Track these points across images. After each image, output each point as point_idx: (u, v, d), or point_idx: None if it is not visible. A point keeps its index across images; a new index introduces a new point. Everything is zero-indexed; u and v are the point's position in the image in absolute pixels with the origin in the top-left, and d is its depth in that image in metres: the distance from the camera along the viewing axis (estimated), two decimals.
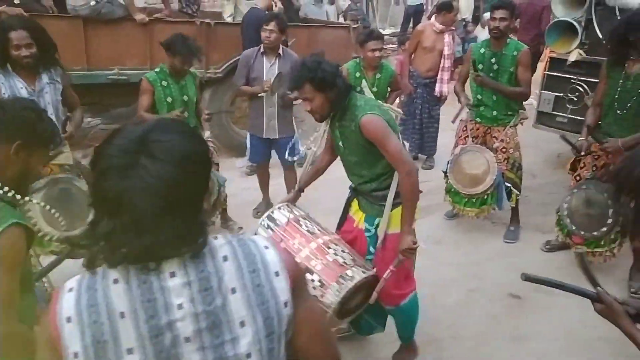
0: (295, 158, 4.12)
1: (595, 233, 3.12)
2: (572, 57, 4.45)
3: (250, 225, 4.13)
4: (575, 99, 4.55)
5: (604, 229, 3.06)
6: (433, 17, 5.24)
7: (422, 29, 5.18)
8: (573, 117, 4.60)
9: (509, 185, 3.84)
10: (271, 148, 4.12)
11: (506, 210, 4.03)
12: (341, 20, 7.80)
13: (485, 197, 3.82)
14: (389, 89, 4.18)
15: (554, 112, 4.79)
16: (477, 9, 8.76)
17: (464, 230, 4.13)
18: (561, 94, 4.66)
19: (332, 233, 2.49)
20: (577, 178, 3.40)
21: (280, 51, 3.85)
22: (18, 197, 1.50)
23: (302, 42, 5.37)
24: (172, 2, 5.55)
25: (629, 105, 3.06)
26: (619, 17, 4.06)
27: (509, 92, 3.68)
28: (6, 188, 1.46)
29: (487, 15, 8.43)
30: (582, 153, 3.25)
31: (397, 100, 4.83)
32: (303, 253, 2.28)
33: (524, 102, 3.91)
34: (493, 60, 3.65)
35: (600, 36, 4.26)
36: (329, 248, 2.30)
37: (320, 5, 7.69)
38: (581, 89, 4.49)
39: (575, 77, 4.51)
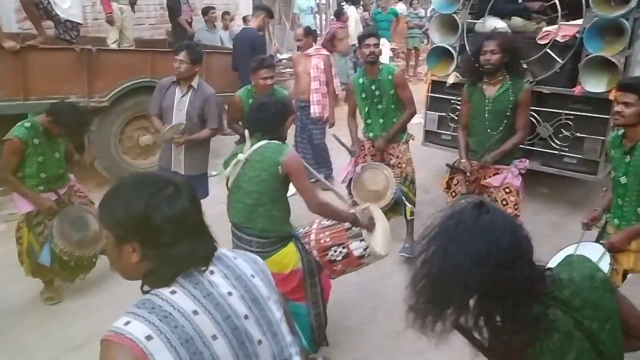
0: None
1: None
2: (450, 80, 4.82)
3: None
4: (456, 118, 4.89)
5: None
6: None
7: (295, 56, 5.33)
8: (456, 134, 4.94)
9: (403, 198, 4.01)
10: None
11: (403, 225, 4.20)
12: None
13: (391, 207, 3.97)
14: None
15: (439, 131, 5.14)
16: None
17: None
18: (444, 114, 5.02)
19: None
20: (453, 194, 3.64)
21: (195, 84, 3.66)
22: None
23: None
24: (51, 27, 5.16)
25: (501, 127, 3.34)
26: None
27: (401, 126, 3.89)
28: None
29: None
30: (469, 174, 3.47)
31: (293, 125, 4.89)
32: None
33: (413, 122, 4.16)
34: (373, 87, 3.82)
35: (472, 59, 4.66)
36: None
37: (214, 32, 7.62)
38: None
39: (454, 98, 4.87)
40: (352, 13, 8.68)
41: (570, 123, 4.23)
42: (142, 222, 1.06)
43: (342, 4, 10.00)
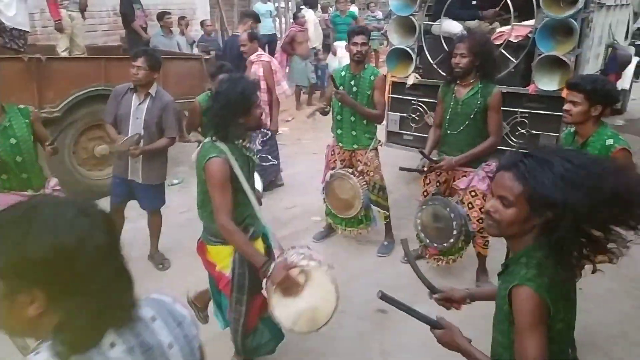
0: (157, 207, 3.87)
1: (445, 244, 3.41)
2: (410, 81, 4.87)
3: None
4: (417, 118, 4.98)
5: (452, 240, 3.35)
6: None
7: (247, 62, 5.17)
8: (417, 134, 5.02)
9: (375, 207, 4.06)
10: (132, 191, 3.74)
11: (372, 229, 4.23)
12: (195, 51, 7.62)
13: (360, 217, 4.05)
14: None
15: (400, 131, 5.19)
16: (326, 37, 9.22)
17: (332, 252, 4.20)
18: (405, 114, 5.07)
19: None
20: (425, 193, 3.68)
21: (152, 91, 3.54)
22: None
23: None
24: None
25: (461, 128, 3.38)
26: (444, 44, 4.57)
27: (365, 112, 3.82)
28: None
29: (337, 43, 8.97)
30: (425, 169, 3.53)
31: None
32: None
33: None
34: (352, 82, 3.83)
35: (431, 61, 4.73)
36: None
37: (171, 37, 7.46)
38: (421, 109, 4.92)
39: (415, 99, 4.94)
40: (311, 16, 8.68)
41: (526, 121, 4.34)
42: (57, 263, 0.81)
43: (301, 7, 10.00)
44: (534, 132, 4.34)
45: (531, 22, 4.21)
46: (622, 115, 7.84)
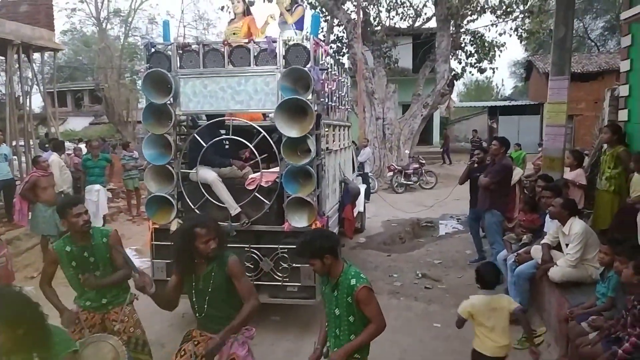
0: None
1: None
2: (173, 227, 4.82)
3: None
4: None
5: None
6: None
7: None
8: None
9: None
10: None
11: None
12: None
13: None
14: None
15: (168, 279, 4.92)
16: (77, 180, 8.61)
17: None
18: (171, 261, 4.89)
19: None
20: None
21: None
22: None
23: None
24: None
25: (205, 307, 3.08)
26: (202, 190, 4.73)
27: (117, 280, 3.51)
28: None
29: (89, 187, 8.43)
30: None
31: None
32: None
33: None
34: (86, 254, 3.47)
35: (192, 206, 4.81)
36: None
37: None
38: None
39: None
40: (56, 159, 8.03)
41: (286, 255, 4.70)
42: None
43: (46, 145, 9.22)
44: (295, 265, 4.69)
45: (277, 168, 4.76)
46: (362, 233, 9.22)
